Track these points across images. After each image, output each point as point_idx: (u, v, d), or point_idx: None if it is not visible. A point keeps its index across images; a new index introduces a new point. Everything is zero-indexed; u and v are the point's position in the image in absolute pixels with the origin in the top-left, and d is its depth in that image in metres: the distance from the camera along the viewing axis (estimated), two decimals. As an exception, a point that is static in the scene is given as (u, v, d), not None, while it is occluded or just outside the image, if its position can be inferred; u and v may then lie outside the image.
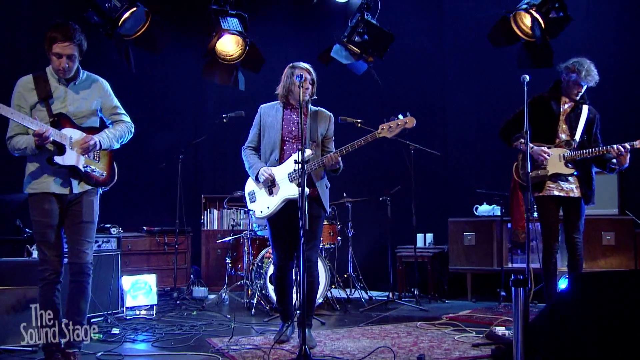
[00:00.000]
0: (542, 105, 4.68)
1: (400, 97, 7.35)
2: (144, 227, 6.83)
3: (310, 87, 4.01)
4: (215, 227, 7.69)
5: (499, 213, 6.48)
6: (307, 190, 3.80)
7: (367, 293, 6.41)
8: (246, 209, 4.52)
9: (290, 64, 4.09)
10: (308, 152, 3.95)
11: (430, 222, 6.94)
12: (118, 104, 3.79)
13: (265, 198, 4.11)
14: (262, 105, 4.25)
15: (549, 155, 4.55)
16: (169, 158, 6.55)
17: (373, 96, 7.41)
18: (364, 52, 5.93)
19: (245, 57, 6.13)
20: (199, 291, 6.97)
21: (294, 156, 3.91)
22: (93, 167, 3.57)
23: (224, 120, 6.13)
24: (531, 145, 4.57)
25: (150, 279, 5.47)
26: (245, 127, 4.38)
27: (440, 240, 6.94)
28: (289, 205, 4.02)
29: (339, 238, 6.15)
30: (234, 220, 6.47)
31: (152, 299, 5.45)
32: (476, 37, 6.87)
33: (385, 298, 6.18)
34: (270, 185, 4.06)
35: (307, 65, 4.06)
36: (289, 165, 4.00)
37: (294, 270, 4.24)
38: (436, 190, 7.20)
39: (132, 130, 3.81)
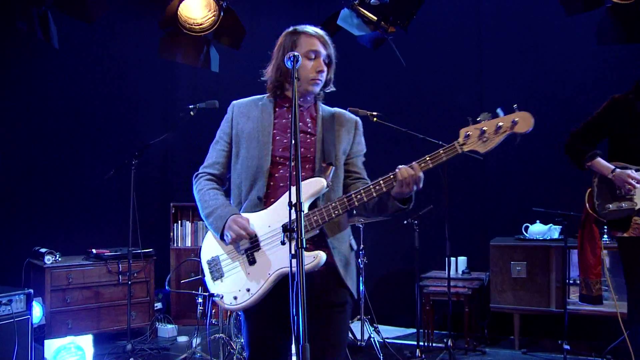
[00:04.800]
0: (626, 110, 3.38)
1: (426, 82, 5.72)
2: (93, 250, 5.26)
3: (325, 69, 2.31)
4: (188, 243, 6.12)
5: (556, 235, 4.94)
6: (311, 255, 2.08)
7: (380, 336, 4.88)
8: (207, 293, 2.52)
9: (291, 29, 2.36)
10: (321, 182, 2.19)
11: (463, 242, 5.37)
12: None
13: (240, 273, 2.24)
14: (234, 102, 2.45)
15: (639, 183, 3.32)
16: (121, 163, 4.94)
17: (391, 80, 5.77)
18: (382, 19, 4.29)
19: (219, 26, 4.53)
20: (166, 330, 5.50)
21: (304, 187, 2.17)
22: None
23: (191, 113, 4.58)
24: (611, 166, 3.40)
25: (85, 342, 3.93)
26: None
27: (476, 266, 5.38)
28: (282, 286, 2.15)
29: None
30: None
31: (88, 370, 3.91)
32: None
33: (405, 342, 4.82)
34: (251, 248, 2.23)
35: (319, 31, 2.34)
36: (284, 209, 2.09)
37: None
38: (472, 202, 5.60)
39: None
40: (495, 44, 5.56)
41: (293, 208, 1.71)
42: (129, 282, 4.79)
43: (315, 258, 2.08)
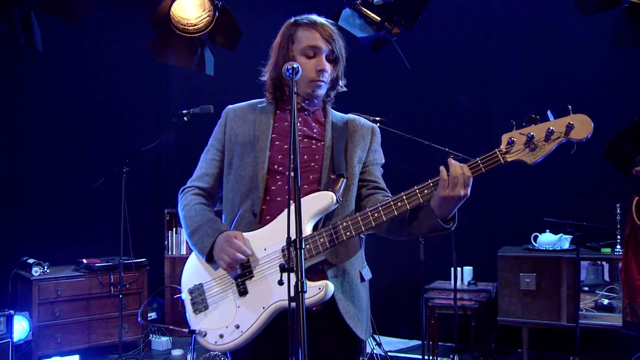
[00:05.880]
0: None
1: (431, 85, 5.50)
2: (83, 260, 5.05)
3: (329, 67, 1.97)
4: (183, 251, 5.89)
5: (567, 245, 4.73)
6: (316, 286, 1.76)
7: (382, 349, 4.67)
8: (189, 329, 1.91)
9: (291, 20, 2.06)
10: (329, 197, 1.83)
11: (469, 251, 5.15)
12: None
13: (228, 306, 1.87)
14: (229, 107, 2.12)
15: None
16: (112, 171, 4.73)
17: (395, 84, 5.54)
18: (386, 20, 4.07)
19: (214, 27, 4.32)
20: (160, 343, 5.29)
21: (308, 201, 1.85)
22: None
23: (185, 118, 4.38)
24: None
25: (72, 362, 3.70)
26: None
27: (482, 276, 5.16)
28: (281, 322, 1.80)
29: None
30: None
31: (75, 393, 3.70)
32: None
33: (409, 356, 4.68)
34: (243, 275, 1.86)
35: (320, 21, 2.00)
36: (283, 228, 1.63)
37: None
38: (478, 210, 5.38)
39: None
40: (503, 45, 5.32)
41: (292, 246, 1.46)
42: (120, 295, 4.57)
43: (321, 289, 1.74)
